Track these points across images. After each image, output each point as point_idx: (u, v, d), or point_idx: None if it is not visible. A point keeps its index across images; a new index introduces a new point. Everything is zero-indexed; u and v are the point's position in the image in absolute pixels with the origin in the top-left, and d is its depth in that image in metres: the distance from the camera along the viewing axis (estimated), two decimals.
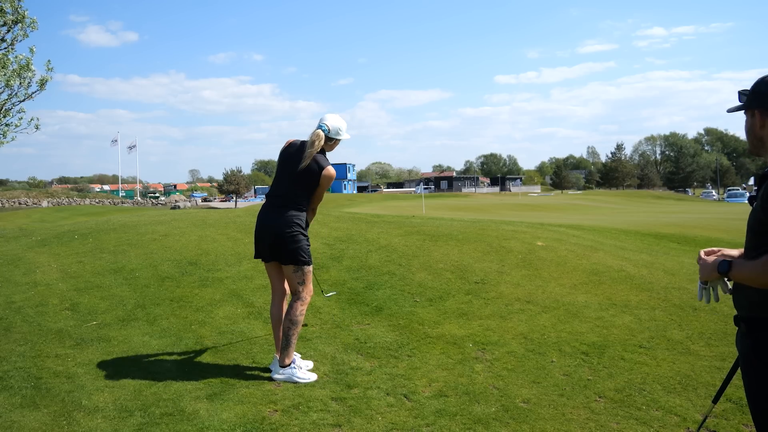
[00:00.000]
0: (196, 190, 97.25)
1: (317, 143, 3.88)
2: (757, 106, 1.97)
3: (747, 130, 2.04)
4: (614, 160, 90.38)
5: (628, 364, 3.93)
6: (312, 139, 3.89)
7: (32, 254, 7.52)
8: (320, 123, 3.97)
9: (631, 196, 61.69)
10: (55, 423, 3.15)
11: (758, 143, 2.01)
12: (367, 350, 4.27)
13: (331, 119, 3.99)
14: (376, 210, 24.27)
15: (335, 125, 3.99)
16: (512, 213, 26.19)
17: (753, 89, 2.01)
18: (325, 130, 3.95)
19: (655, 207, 35.83)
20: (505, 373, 3.83)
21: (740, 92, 2.07)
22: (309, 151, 3.85)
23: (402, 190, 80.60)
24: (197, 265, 6.61)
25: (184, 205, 57.93)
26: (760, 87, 1.98)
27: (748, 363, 1.90)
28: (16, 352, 4.22)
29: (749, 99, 2.02)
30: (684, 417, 3.18)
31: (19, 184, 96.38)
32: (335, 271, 6.36)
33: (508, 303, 5.25)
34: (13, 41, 10.23)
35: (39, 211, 39.66)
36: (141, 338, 4.53)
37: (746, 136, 2.06)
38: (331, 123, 3.98)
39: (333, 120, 4.00)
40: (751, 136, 2.02)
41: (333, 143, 4.05)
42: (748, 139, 2.05)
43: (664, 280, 5.96)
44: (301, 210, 3.90)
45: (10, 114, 10.65)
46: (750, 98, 2.01)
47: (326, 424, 3.16)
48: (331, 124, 3.97)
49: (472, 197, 58.29)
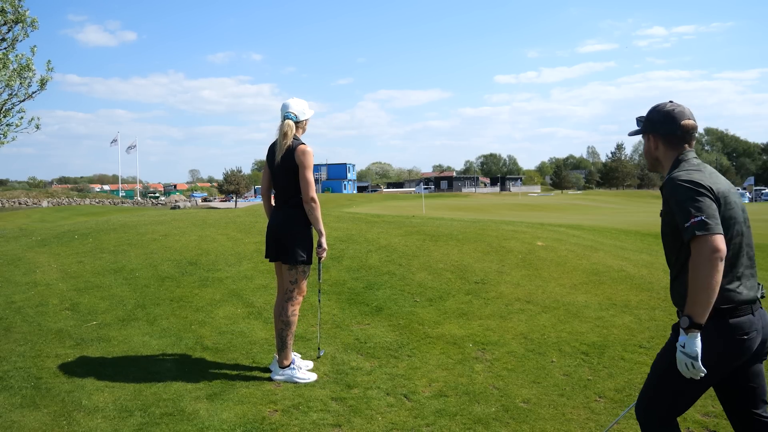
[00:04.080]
0: (196, 190, 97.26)
1: (290, 133, 3.81)
2: (651, 131, 2.33)
3: (645, 151, 2.39)
4: (614, 160, 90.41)
5: (628, 364, 3.93)
6: (284, 131, 3.81)
7: (32, 254, 7.52)
8: (286, 113, 3.87)
9: (631, 196, 61.67)
10: (55, 423, 3.15)
11: (655, 162, 2.38)
12: (367, 350, 4.27)
13: (294, 105, 3.90)
14: (376, 210, 24.27)
15: (299, 108, 3.90)
16: (512, 213, 26.19)
17: (647, 116, 2.34)
18: (293, 117, 3.86)
19: (655, 207, 35.78)
20: (505, 373, 3.83)
21: (638, 119, 2.41)
22: (283, 143, 3.80)
23: (402, 190, 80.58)
24: (197, 265, 6.61)
25: (184, 205, 57.91)
26: (652, 115, 2.33)
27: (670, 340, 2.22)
28: (16, 352, 4.22)
29: (645, 125, 2.36)
30: (684, 417, 3.18)
31: (19, 184, 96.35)
32: (335, 271, 6.36)
33: (508, 303, 5.25)
34: (13, 41, 10.23)
35: (39, 211, 39.66)
36: (141, 338, 4.53)
37: (645, 156, 2.39)
38: (296, 108, 3.89)
39: (296, 105, 3.90)
40: (649, 156, 2.38)
41: (303, 125, 3.95)
42: (647, 159, 2.39)
43: (664, 280, 5.96)
44: (296, 206, 3.84)
45: (11, 114, 10.65)
46: (645, 125, 2.35)
47: (326, 424, 3.16)
48: (296, 109, 3.89)
49: (472, 197, 58.29)
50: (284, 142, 3.80)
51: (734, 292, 2.11)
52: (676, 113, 2.27)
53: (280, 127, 3.85)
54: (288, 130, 3.81)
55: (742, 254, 2.18)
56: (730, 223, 2.14)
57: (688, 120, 2.26)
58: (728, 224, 2.13)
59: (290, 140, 3.81)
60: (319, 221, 3.83)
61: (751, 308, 2.14)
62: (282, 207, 3.90)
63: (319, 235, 3.87)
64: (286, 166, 3.80)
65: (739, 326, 2.10)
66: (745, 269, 2.18)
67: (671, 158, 2.29)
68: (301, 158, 3.78)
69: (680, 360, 2.06)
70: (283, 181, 3.86)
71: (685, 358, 2.04)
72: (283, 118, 3.87)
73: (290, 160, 3.79)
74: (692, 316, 2.02)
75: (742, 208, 2.23)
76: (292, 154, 3.78)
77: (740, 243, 2.18)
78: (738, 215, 2.18)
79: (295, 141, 3.83)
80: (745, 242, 2.21)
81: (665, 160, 2.32)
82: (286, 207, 3.87)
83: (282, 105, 3.94)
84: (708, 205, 2.06)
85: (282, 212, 3.89)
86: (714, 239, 2.00)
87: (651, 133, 2.33)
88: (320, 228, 3.85)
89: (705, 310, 2.01)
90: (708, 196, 2.08)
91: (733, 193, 2.20)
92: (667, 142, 2.29)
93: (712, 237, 2.00)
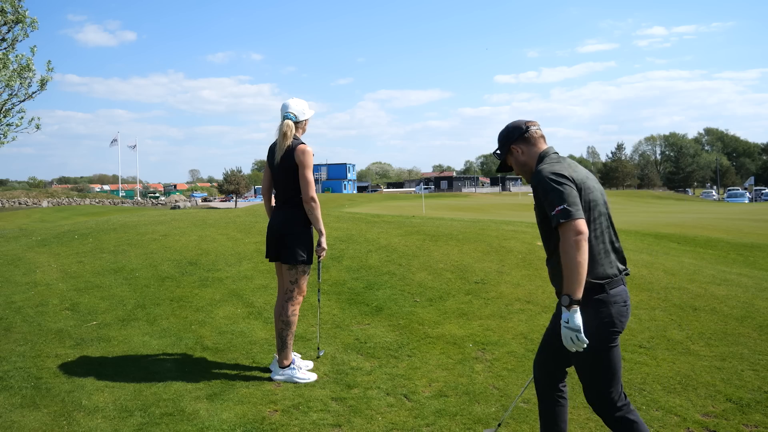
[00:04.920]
0: (196, 190, 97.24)
1: (289, 133, 3.81)
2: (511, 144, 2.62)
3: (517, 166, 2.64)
4: (614, 160, 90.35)
5: (628, 364, 3.92)
6: (283, 131, 3.81)
7: (32, 254, 7.52)
8: (286, 113, 3.86)
9: (631, 196, 61.64)
10: (55, 423, 3.15)
11: (527, 169, 2.62)
12: (367, 350, 4.27)
13: (294, 105, 3.89)
14: (376, 210, 24.26)
15: (299, 108, 3.89)
16: (512, 213, 26.17)
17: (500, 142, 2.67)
18: (293, 117, 3.85)
19: (655, 207, 35.81)
20: (505, 373, 3.83)
21: (494, 153, 2.73)
22: (283, 143, 3.79)
23: (402, 190, 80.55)
24: (197, 265, 6.61)
25: (184, 205, 57.92)
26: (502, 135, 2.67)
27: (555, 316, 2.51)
28: (16, 352, 4.21)
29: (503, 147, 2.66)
30: (684, 417, 3.18)
31: (19, 184, 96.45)
32: (335, 271, 6.36)
33: (508, 303, 5.25)
34: (13, 41, 10.23)
35: (39, 211, 39.65)
36: (141, 338, 4.53)
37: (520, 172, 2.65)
38: (295, 108, 3.88)
39: (295, 105, 3.89)
40: (521, 167, 2.63)
41: (303, 125, 3.94)
42: (522, 173, 2.64)
43: (664, 280, 5.96)
44: (296, 206, 3.84)
45: (11, 114, 10.65)
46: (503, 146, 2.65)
47: (326, 424, 3.16)
48: (295, 109, 3.88)
49: (472, 197, 58.27)
50: (284, 143, 3.79)
51: (606, 267, 2.40)
52: (515, 121, 2.67)
53: (280, 127, 3.85)
54: (287, 131, 3.81)
55: (606, 232, 2.47)
56: (591, 206, 2.41)
57: (526, 121, 2.64)
58: (589, 206, 2.40)
59: (290, 140, 3.81)
60: (319, 221, 3.83)
61: (621, 280, 2.45)
62: (282, 207, 3.91)
63: (319, 234, 3.87)
64: (285, 166, 3.80)
65: (618, 295, 2.40)
66: (610, 245, 2.47)
67: (535, 156, 2.58)
68: (300, 158, 3.78)
69: (565, 335, 2.28)
70: (283, 181, 3.86)
71: (570, 333, 2.27)
72: (283, 118, 3.87)
73: (290, 159, 3.78)
74: (570, 293, 2.26)
75: (601, 191, 2.53)
76: (291, 154, 3.78)
77: (604, 222, 2.46)
78: (598, 198, 2.45)
79: (295, 141, 3.83)
80: (608, 222, 2.50)
81: (531, 160, 2.59)
82: (286, 207, 3.88)
83: (282, 105, 3.94)
84: (569, 193, 2.32)
85: (282, 212, 3.89)
86: (576, 224, 2.26)
87: (512, 145, 2.62)
88: (320, 228, 3.85)
89: (579, 287, 2.25)
90: (569, 185, 2.34)
91: (590, 179, 2.48)
92: (525, 142, 2.60)
93: (575, 222, 2.26)
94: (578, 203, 2.31)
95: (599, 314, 2.35)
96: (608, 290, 2.37)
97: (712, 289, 5.67)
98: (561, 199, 2.30)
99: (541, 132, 2.63)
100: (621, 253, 2.52)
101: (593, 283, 2.35)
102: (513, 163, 2.66)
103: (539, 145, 2.60)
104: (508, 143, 2.63)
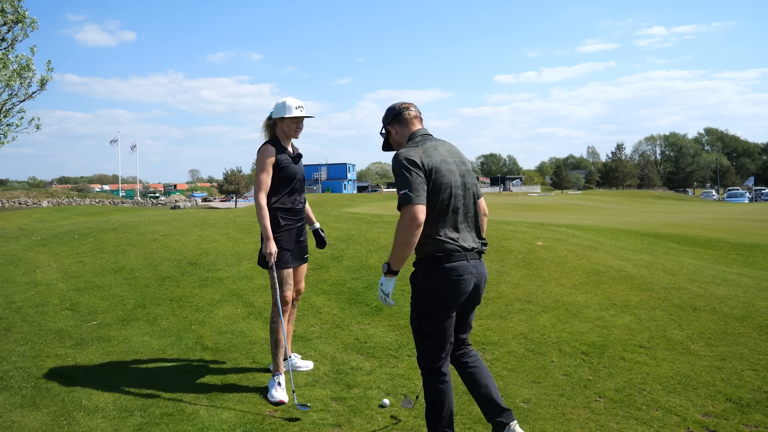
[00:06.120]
0: (196, 190, 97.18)
1: (263, 132, 3.80)
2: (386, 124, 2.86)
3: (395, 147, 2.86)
4: (614, 160, 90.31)
5: (628, 364, 3.92)
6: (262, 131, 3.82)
7: (32, 254, 7.52)
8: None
9: (631, 196, 61.66)
10: (55, 423, 3.15)
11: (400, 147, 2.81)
12: (367, 350, 4.27)
13: (276, 103, 3.77)
14: (376, 210, 24.25)
15: (276, 106, 3.74)
16: (512, 213, 26.17)
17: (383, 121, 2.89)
18: (270, 116, 3.79)
19: (655, 207, 35.81)
20: (505, 373, 3.83)
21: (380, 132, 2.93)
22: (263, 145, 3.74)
23: None
24: (197, 265, 6.61)
25: (184, 205, 57.91)
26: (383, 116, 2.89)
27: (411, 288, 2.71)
28: (16, 352, 4.22)
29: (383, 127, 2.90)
30: (684, 417, 3.18)
31: (19, 184, 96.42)
32: (335, 271, 6.36)
33: (508, 303, 5.25)
34: (13, 41, 10.24)
35: (39, 211, 39.65)
36: (141, 338, 4.53)
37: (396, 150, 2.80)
38: (275, 107, 3.75)
39: (276, 103, 3.76)
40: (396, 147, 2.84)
41: (285, 123, 3.70)
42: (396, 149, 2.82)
43: (664, 280, 5.96)
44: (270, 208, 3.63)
45: (11, 114, 10.66)
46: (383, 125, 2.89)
47: (326, 424, 3.16)
48: (274, 108, 3.76)
49: None
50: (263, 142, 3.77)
51: (448, 243, 2.59)
52: (394, 104, 2.87)
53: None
54: (263, 129, 3.82)
55: (458, 212, 2.65)
56: (441, 188, 2.59)
57: (402, 102, 2.84)
58: (440, 188, 2.58)
59: (268, 138, 3.80)
60: (263, 225, 3.54)
61: (466, 256, 2.63)
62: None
63: (264, 239, 3.57)
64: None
65: (453, 269, 2.58)
66: (461, 224, 2.66)
67: (406, 136, 2.79)
68: (257, 157, 3.70)
69: (379, 296, 2.66)
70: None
71: (382, 294, 2.65)
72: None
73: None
74: (391, 264, 2.57)
75: (462, 174, 2.70)
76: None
77: (455, 204, 2.63)
78: (450, 181, 2.62)
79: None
80: (463, 203, 2.67)
81: (403, 140, 2.80)
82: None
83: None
84: (413, 179, 2.52)
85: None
86: (414, 209, 2.48)
87: (388, 126, 2.85)
88: (264, 232, 3.54)
89: (401, 262, 2.55)
90: (415, 172, 2.53)
91: (447, 163, 2.65)
92: (399, 123, 2.81)
93: (413, 207, 2.48)
94: (420, 190, 2.51)
95: (428, 283, 2.60)
96: (444, 264, 2.58)
97: (712, 289, 5.67)
98: (405, 184, 2.52)
99: (414, 113, 2.82)
100: (477, 231, 2.75)
101: (433, 256, 2.58)
102: (392, 142, 2.88)
103: (411, 126, 2.80)
104: (385, 124, 2.87)
